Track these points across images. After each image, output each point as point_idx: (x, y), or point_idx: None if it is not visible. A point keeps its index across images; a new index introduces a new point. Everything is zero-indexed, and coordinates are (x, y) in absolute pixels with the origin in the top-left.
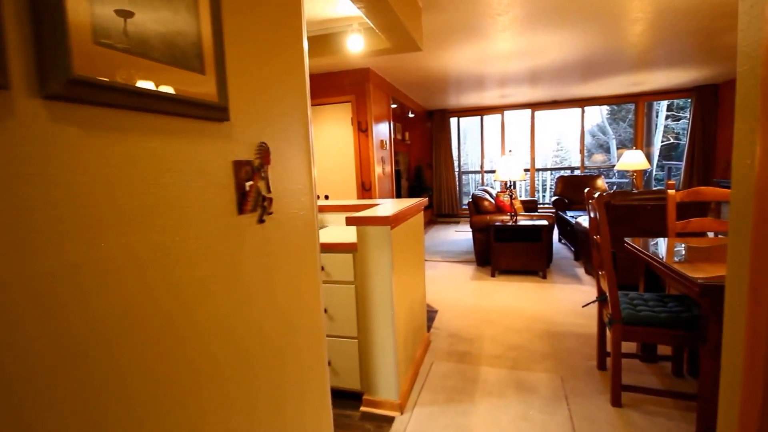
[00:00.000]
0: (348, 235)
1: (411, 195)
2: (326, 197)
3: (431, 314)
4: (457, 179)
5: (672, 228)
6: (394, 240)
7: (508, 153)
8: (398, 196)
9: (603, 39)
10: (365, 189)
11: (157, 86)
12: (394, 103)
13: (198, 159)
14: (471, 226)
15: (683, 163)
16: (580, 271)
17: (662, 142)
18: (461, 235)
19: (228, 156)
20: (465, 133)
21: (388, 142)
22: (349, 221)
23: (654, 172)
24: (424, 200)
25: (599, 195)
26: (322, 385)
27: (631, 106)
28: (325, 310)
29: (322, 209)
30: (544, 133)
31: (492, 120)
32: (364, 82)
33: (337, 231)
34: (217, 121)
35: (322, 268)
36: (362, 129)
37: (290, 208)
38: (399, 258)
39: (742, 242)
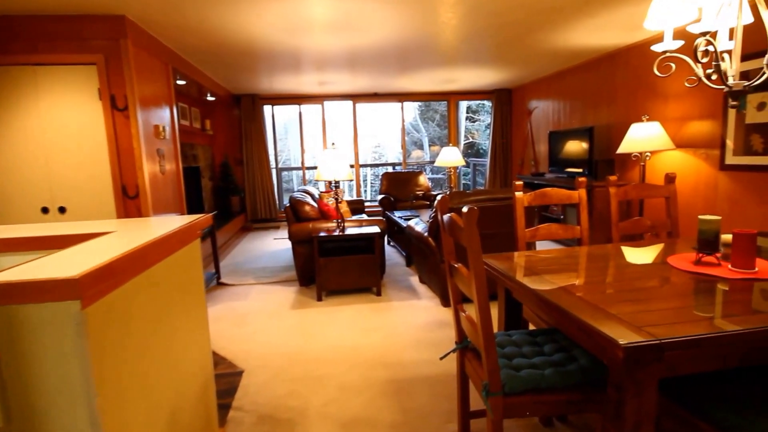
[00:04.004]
0: None
1: (216, 197)
2: (61, 210)
3: (232, 380)
4: (274, 177)
5: (522, 236)
6: (103, 325)
7: (330, 147)
8: (198, 199)
9: (421, 23)
10: (129, 196)
11: None
12: (182, 79)
13: None
14: (290, 237)
15: (488, 161)
16: (415, 280)
17: (464, 141)
18: (281, 243)
19: None
20: (286, 125)
21: (169, 129)
22: None
23: (461, 170)
24: (201, 218)
25: (470, 208)
26: None
27: (437, 107)
28: None
29: None
30: (365, 127)
31: (312, 110)
32: (117, 37)
33: None
34: None
35: None
36: (119, 107)
37: None
38: (126, 354)
39: None
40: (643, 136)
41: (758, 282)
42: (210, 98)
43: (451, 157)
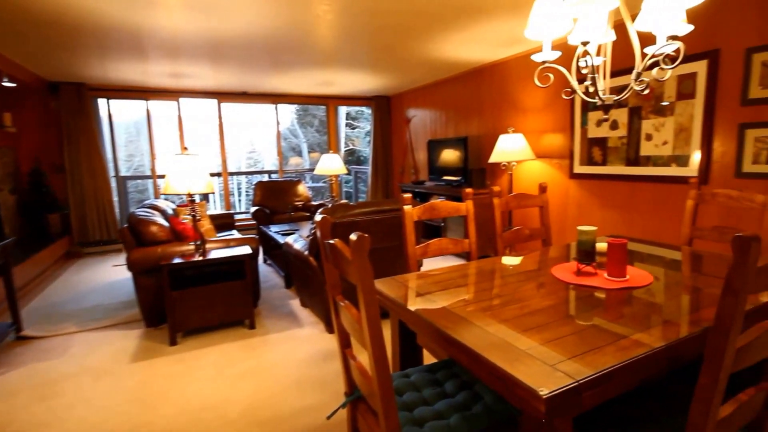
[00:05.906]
0: None
1: (24, 216)
2: None
3: None
4: (115, 189)
5: (413, 254)
6: None
7: (185, 153)
8: None
9: (293, 11)
10: None
11: None
12: None
13: None
14: (129, 267)
15: (369, 168)
16: (295, 303)
17: (345, 147)
18: (124, 272)
19: None
20: (138, 124)
21: None
22: None
23: (342, 177)
24: None
25: (359, 236)
26: None
27: (316, 111)
28: None
29: None
30: (237, 131)
31: (166, 108)
32: None
33: None
34: None
35: None
36: None
37: None
38: None
39: None
40: (509, 147)
41: (633, 290)
42: (8, 84)
43: (332, 164)
